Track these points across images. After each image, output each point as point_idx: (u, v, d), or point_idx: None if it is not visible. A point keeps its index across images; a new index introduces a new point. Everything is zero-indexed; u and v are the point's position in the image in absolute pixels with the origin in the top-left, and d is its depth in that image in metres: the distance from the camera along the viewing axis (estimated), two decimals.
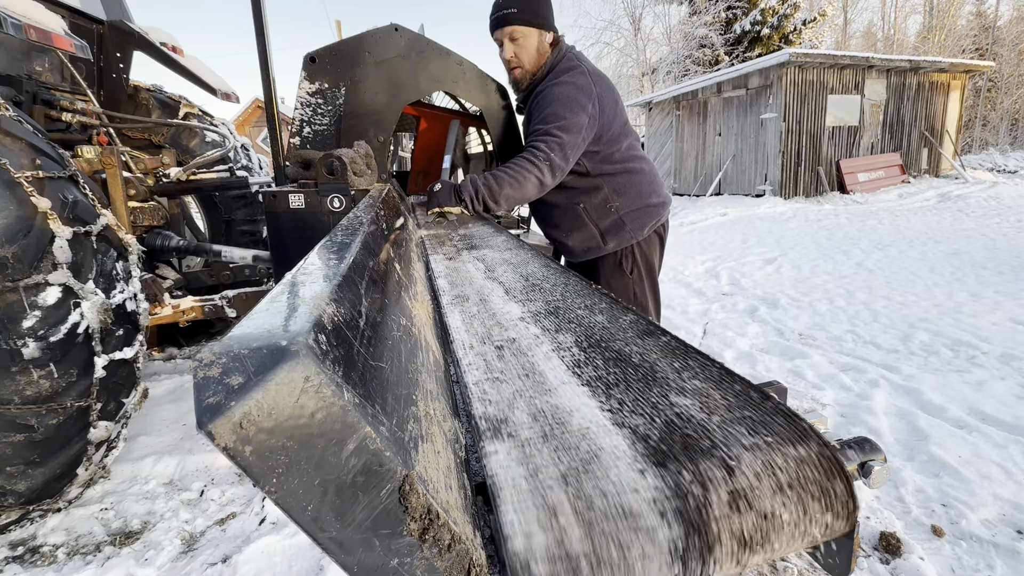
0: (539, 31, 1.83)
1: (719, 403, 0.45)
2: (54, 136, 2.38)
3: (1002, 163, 17.16)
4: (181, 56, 3.25)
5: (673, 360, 0.54)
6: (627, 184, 1.90)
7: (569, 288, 0.83)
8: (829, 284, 4.70)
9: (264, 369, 0.26)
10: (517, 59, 1.85)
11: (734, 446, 0.38)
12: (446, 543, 0.33)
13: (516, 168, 1.73)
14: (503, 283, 0.90)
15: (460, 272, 1.01)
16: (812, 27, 19.57)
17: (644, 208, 1.92)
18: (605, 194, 1.89)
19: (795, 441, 0.40)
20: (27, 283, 1.50)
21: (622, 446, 0.38)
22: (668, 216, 2.04)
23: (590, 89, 1.78)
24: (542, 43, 1.85)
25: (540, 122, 1.76)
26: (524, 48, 1.83)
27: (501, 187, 1.71)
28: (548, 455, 0.37)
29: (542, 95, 1.80)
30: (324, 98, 2.22)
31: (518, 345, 0.59)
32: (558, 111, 1.73)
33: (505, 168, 1.75)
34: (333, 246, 0.61)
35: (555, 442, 0.39)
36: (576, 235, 1.98)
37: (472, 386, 0.49)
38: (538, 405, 0.45)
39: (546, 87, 1.81)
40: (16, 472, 1.59)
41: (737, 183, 12.81)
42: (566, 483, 0.33)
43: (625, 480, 0.34)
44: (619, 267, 1.96)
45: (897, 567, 1.54)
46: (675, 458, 0.36)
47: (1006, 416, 2.29)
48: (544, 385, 0.49)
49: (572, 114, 1.73)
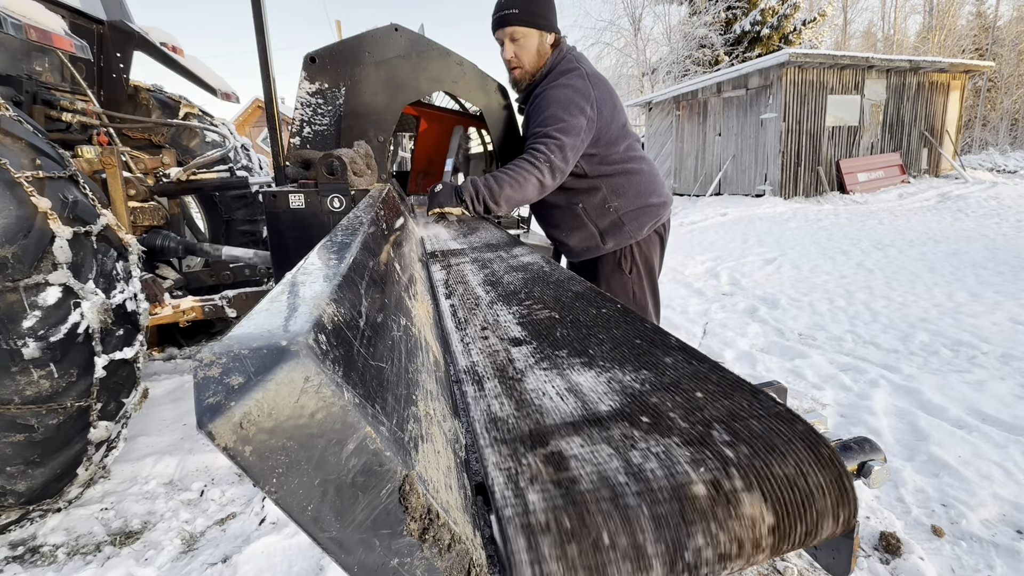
0: (540, 32, 1.83)
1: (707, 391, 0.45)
2: (54, 136, 2.38)
3: (1002, 163, 17.16)
4: (181, 56, 3.25)
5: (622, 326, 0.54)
6: (625, 185, 1.91)
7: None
8: (829, 284, 4.70)
9: (264, 369, 0.26)
10: (517, 59, 1.86)
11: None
12: (446, 543, 0.33)
13: (517, 170, 1.73)
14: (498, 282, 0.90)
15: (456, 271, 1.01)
16: (812, 27, 19.57)
17: (643, 208, 1.93)
18: (603, 194, 1.90)
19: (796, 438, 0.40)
20: (27, 283, 1.50)
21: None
22: (669, 216, 2.04)
23: (588, 92, 1.78)
24: (543, 44, 1.85)
25: (539, 124, 1.76)
26: (525, 48, 1.84)
27: (502, 188, 1.71)
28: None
29: (541, 97, 1.81)
30: (324, 98, 2.22)
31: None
32: (557, 113, 1.73)
33: (506, 170, 1.75)
34: (333, 246, 0.61)
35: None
36: (576, 235, 1.98)
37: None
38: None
39: (544, 89, 1.81)
40: (16, 472, 1.59)
41: (737, 183, 12.81)
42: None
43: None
44: (618, 267, 1.97)
45: (897, 567, 1.54)
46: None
47: (1006, 416, 2.29)
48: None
49: (571, 116, 1.73)
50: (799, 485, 0.37)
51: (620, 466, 0.37)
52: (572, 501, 0.34)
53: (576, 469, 0.37)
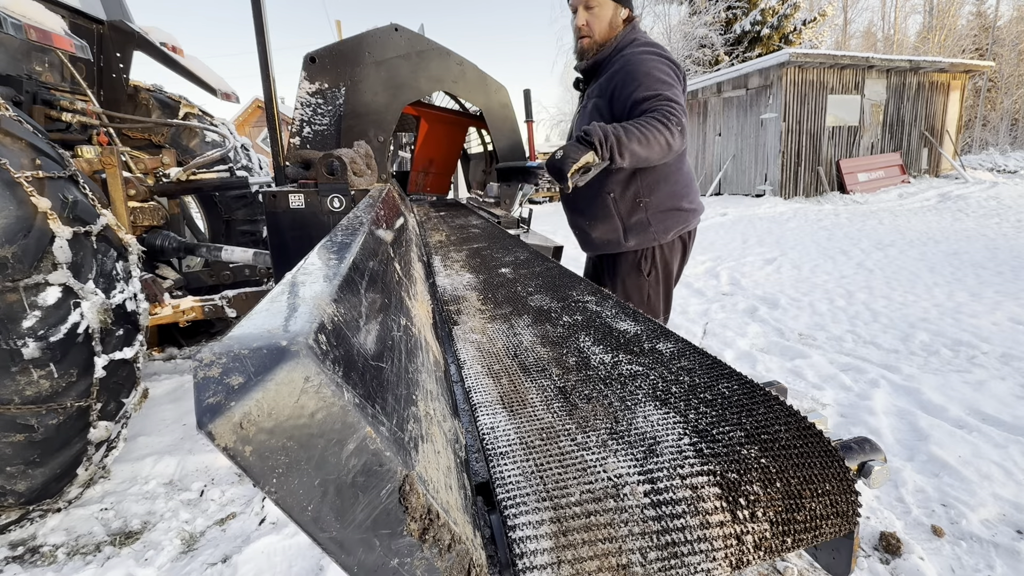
0: (615, 5, 1.79)
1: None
2: (54, 136, 2.38)
3: (1002, 163, 17.16)
4: (181, 56, 3.25)
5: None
6: (661, 183, 1.84)
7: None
8: (829, 284, 4.70)
9: (264, 369, 0.26)
10: (588, 28, 1.81)
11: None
12: (446, 543, 0.33)
13: (646, 126, 1.53)
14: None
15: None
16: (812, 27, 19.55)
17: (673, 211, 1.86)
18: (637, 188, 1.83)
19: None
20: (27, 283, 1.50)
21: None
22: (696, 226, 1.96)
23: (677, 73, 1.72)
24: (616, 17, 1.81)
25: (652, 88, 1.63)
26: (598, 18, 1.79)
27: (630, 140, 1.51)
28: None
29: (635, 62, 1.70)
30: (324, 98, 2.22)
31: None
32: (667, 80, 1.64)
33: (633, 123, 1.55)
34: (333, 246, 0.61)
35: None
36: (600, 226, 1.91)
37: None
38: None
39: (635, 55, 1.72)
40: (16, 472, 1.59)
41: (737, 183, 12.81)
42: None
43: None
44: (637, 267, 1.92)
45: (897, 567, 1.54)
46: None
47: (1006, 416, 2.29)
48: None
49: (677, 87, 1.65)
50: (801, 486, 0.37)
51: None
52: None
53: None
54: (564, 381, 0.69)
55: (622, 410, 0.60)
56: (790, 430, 0.52)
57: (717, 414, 0.57)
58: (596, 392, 0.65)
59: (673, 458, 0.50)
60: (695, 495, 0.45)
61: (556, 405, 0.62)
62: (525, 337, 0.86)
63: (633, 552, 0.41)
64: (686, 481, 0.47)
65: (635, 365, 0.72)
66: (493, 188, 3.09)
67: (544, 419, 0.59)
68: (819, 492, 0.46)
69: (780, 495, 0.45)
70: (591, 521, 0.42)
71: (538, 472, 0.49)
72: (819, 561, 0.51)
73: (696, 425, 0.55)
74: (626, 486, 0.46)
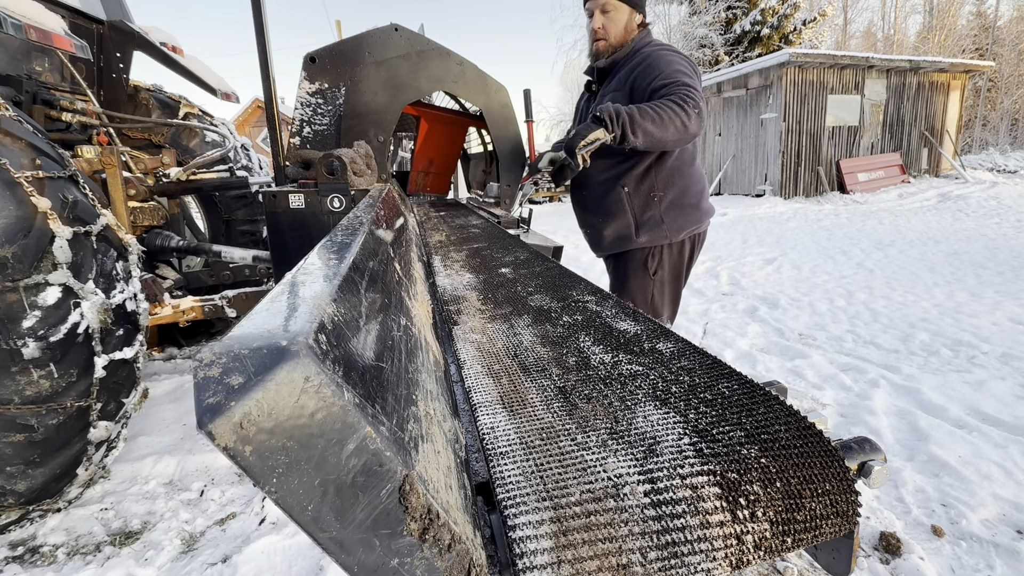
0: (631, 9, 1.83)
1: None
2: (54, 136, 2.38)
3: (1002, 163, 17.16)
4: (181, 56, 3.25)
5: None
6: (676, 179, 1.85)
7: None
8: (829, 284, 4.70)
9: (264, 369, 0.26)
10: (604, 31, 1.84)
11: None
12: (446, 543, 0.33)
13: (660, 107, 1.55)
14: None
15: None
16: (812, 27, 19.55)
17: (686, 209, 1.87)
18: (652, 183, 1.84)
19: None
20: (27, 283, 1.50)
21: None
22: (706, 230, 1.97)
23: (695, 71, 1.75)
24: (631, 21, 1.85)
25: (671, 75, 1.66)
26: (614, 22, 1.82)
27: (643, 119, 1.53)
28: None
29: (653, 56, 1.74)
30: (324, 98, 2.23)
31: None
32: (686, 71, 1.68)
33: (648, 104, 1.58)
34: (333, 246, 0.61)
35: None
36: (612, 223, 1.92)
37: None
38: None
39: (654, 50, 1.76)
40: (16, 472, 1.59)
41: (737, 183, 12.81)
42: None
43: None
44: (643, 265, 1.92)
45: (897, 567, 1.54)
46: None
47: (1006, 416, 2.29)
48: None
49: (695, 80, 1.68)
50: (801, 485, 0.37)
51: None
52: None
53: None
54: (564, 381, 0.69)
55: (622, 410, 0.60)
56: (790, 430, 0.52)
57: (717, 414, 0.57)
58: (596, 392, 0.65)
59: (673, 458, 0.50)
60: (695, 495, 0.45)
61: (556, 405, 0.62)
62: (525, 337, 0.86)
63: (633, 552, 0.41)
64: (686, 481, 0.47)
65: (635, 365, 0.72)
66: (493, 188, 3.09)
67: (544, 419, 0.59)
68: (819, 492, 0.46)
69: (780, 495, 0.45)
70: (591, 521, 0.43)
71: (538, 472, 0.49)
72: (819, 561, 0.51)
73: (696, 425, 0.55)
74: (626, 486, 0.46)
